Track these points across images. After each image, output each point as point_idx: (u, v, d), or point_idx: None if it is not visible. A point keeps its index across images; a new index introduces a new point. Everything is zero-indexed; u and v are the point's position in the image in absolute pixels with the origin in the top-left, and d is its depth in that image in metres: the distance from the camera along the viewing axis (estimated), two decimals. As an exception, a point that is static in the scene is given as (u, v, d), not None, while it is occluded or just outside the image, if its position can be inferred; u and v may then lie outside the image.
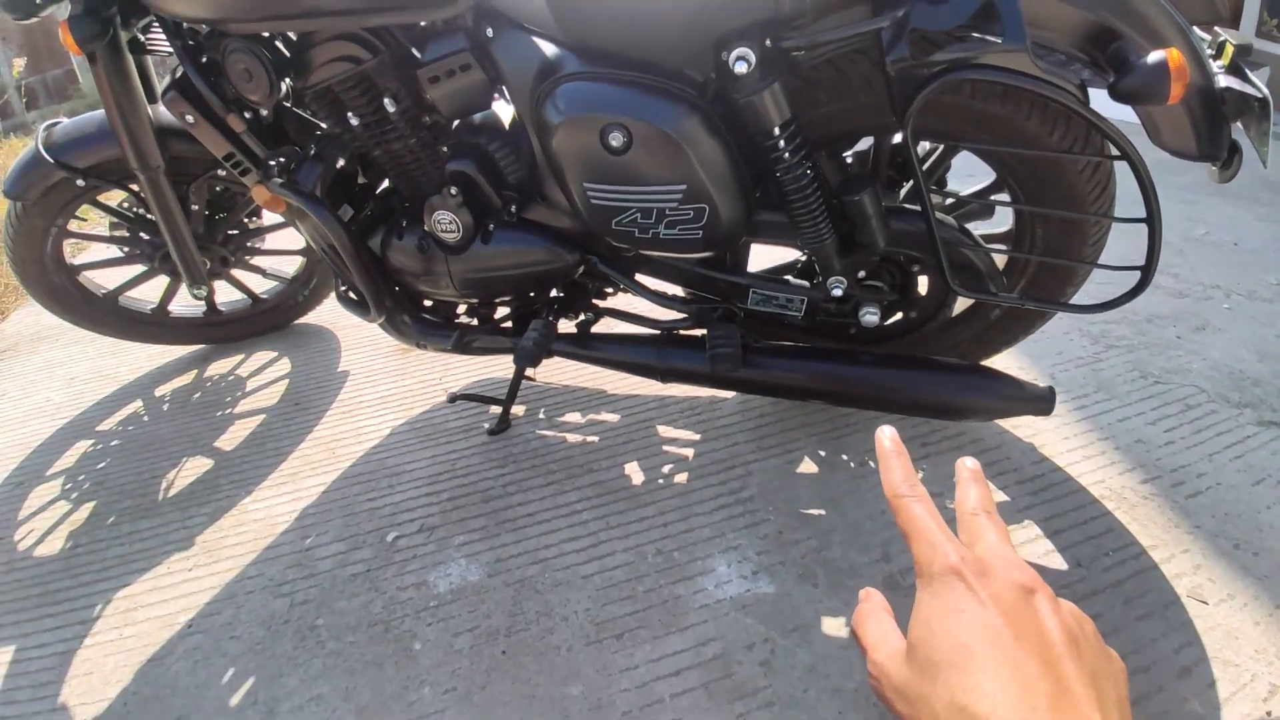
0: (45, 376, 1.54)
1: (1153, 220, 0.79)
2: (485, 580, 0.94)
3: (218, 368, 1.49)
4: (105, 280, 1.41)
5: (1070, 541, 0.93)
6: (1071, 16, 0.70)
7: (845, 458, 1.09)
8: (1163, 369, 1.26)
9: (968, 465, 0.33)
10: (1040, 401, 0.92)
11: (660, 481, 1.07)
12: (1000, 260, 0.98)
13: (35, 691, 0.86)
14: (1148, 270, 0.81)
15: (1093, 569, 0.89)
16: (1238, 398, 1.17)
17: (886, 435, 0.34)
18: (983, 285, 0.92)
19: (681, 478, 1.08)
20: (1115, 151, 0.76)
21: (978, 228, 0.99)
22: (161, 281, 1.41)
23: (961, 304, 1.04)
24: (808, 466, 1.08)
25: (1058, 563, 0.90)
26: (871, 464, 1.07)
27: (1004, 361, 1.26)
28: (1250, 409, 1.15)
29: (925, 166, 0.97)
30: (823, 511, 0.99)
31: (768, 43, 0.72)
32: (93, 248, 1.35)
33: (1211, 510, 0.96)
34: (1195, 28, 0.72)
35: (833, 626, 0.85)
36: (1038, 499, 1.00)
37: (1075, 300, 0.96)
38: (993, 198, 1.01)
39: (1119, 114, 0.73)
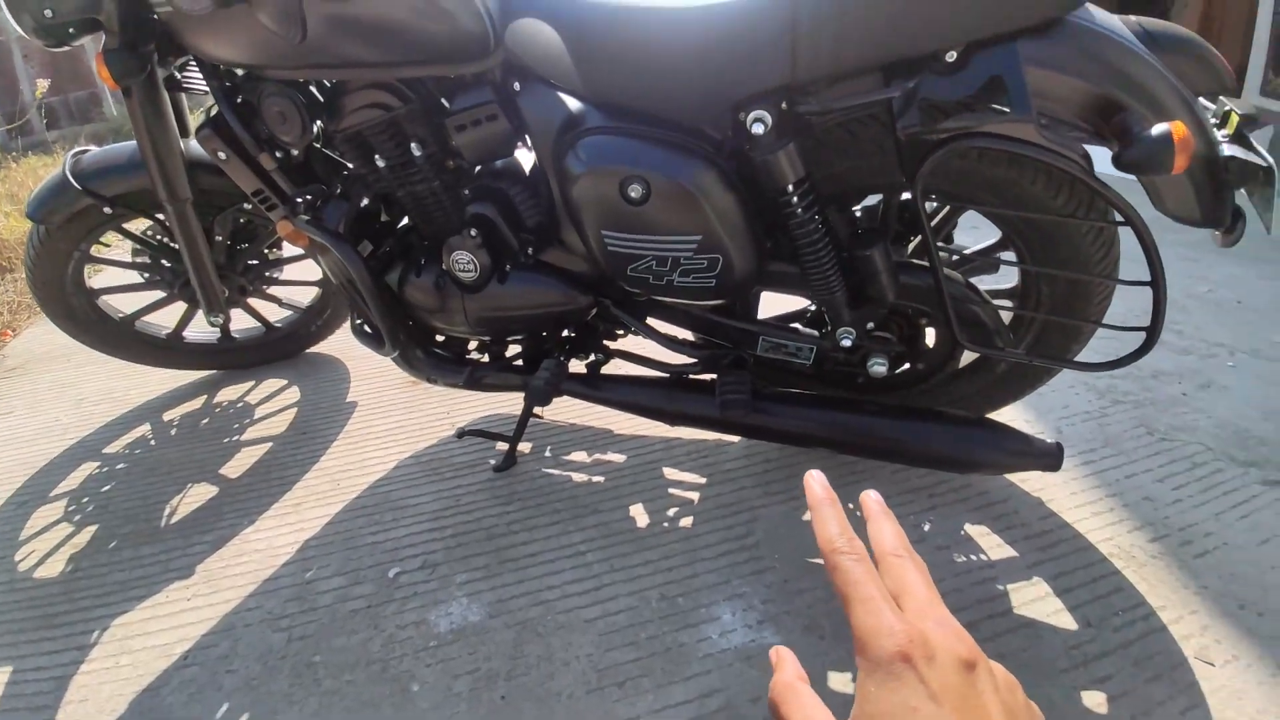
0: (55, 396, 1.56)
1: (1157, 284, 0.80)
2: (486, 621, 0.93)
3: (227, 394, 1.50)
4: (122, 304, 1.43)
5: (1079, 600, 0.92)
6: (1076, 89, 0.72)
7: (851, 506, 1.07)
8: (1169, 426, 1.26)
9: (873, 498, 0.32)
10: (1048, 457, 0.92)
11: (665, 524, 1.07)
12: (1006, 316, 1.00)
13: (30, 715, 0.85)
14: (1153, 332, 0.83)
15: (1102, 629, 0.88)
16: (1243, 456, 1.18)
17: (816, 481, 0.31)
18: (989, 340, 0.93)
19: (687, 521, 1.07)
20: (1119, 217, 0.78)
21: (984, 282, 1.01)
22: (178, 307, 1.43)
23: (968, 356, 1.05)
24: (813, 514, 1.07)
25: (1067, 622, 0.89)
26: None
27: (1011, 414, 1.27)
28: (1256, 468, 1.15)
29: (933, 223, 1.00)
30: (828, 561, 0.99)
31: (784, 106, 0.75)
32: (109, 271, 1.37)
33: (1218, 570, 0.96)
34: (1200, 97, 0.75)
35: (840, 681, 0.83)
36: (1046, 555, 0.99)
37: (1081, 358, 0.97)
38: (999, 255, 1.03)
39: (1123, 176, 0.75)
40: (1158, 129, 0.67)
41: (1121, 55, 0.70)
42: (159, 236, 1.33)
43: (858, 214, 1.03)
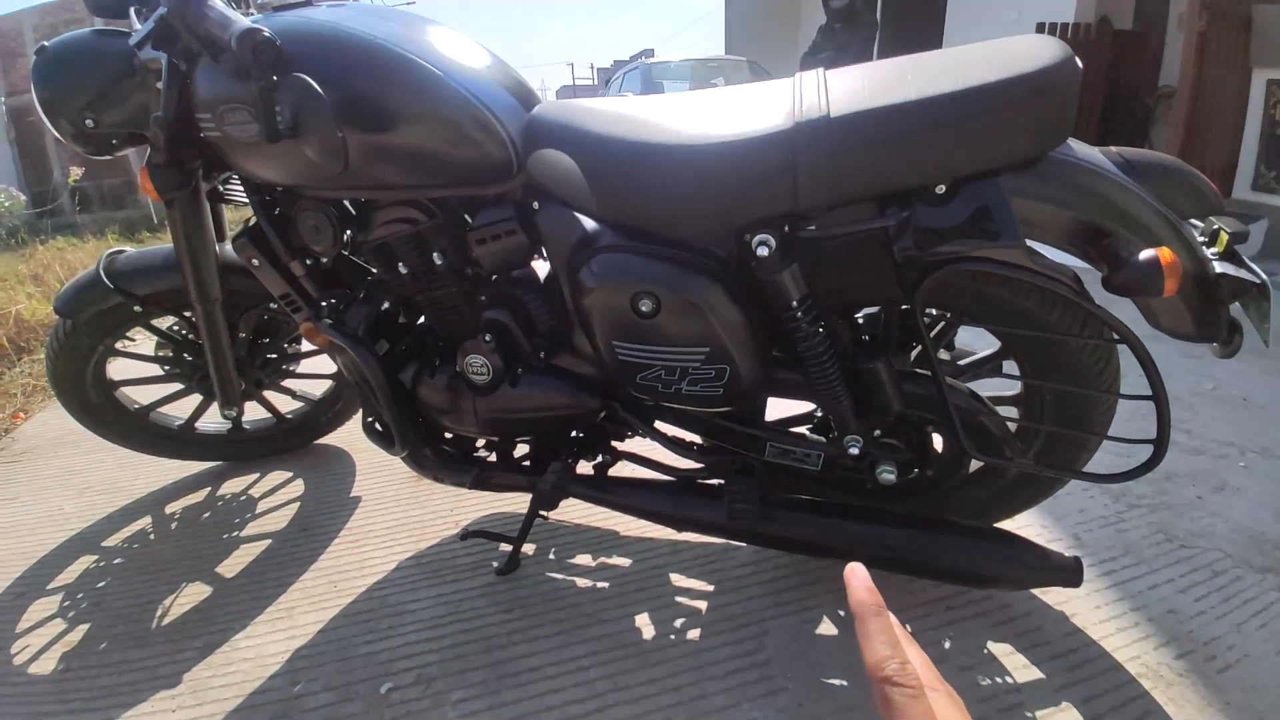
0: (59, 484, 1.55)
1: (1158, 398, 0.81)
2: (482, 746, 0.87)
3: (231, 486, 1.49)
4: (137, 395, 1.45)
5: (1110, 728, 0.87)
6: (1062, 217, 0.76)
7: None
8: (1187, 531, 1.24)
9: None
10: (1068, 572, 0.90)
11: (671, 637, 1.03)
12: (1013, 424, 1.00)
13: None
14: (1159, 445, 0.83)
15: (1136, 762, 0.83)
16: (1260, 562, 1.15)
17: (860, 583, 0.27)
18: (997, 450, 0.93)
19: (694, 633, 1.03)
20: (1114, 335, 0.80)
21: (987, 386, 1.02)
22: (192, 399, 1.45)
23: (979, 463, 1.05)
24: (827, 628, 1.03)
25: (1100, 755, 0.84)
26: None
27: (1027, 519, 1.24)
28: (1273, 574, 1.12)
29: (933, 334, 1.02)
30: (845, 683, 0.94)
31: (786, 229, 0.79)
32: (125, 361, 1.41)
33: (1240, 684, 0.92)
34: (1189, 219, 0.78)
35: (859, 825, 0.77)
36: (1074, 677, 0.94)
37: (1090, 467, 0.97)
38: (1003, 364, 1.05)
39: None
40: (1145, 254, 0.70)
41: (1102, 184, 0.75)
42: (183, 332, 1.38)
43: (860, 321, 1.06)
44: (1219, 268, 0.72)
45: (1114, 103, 4.44)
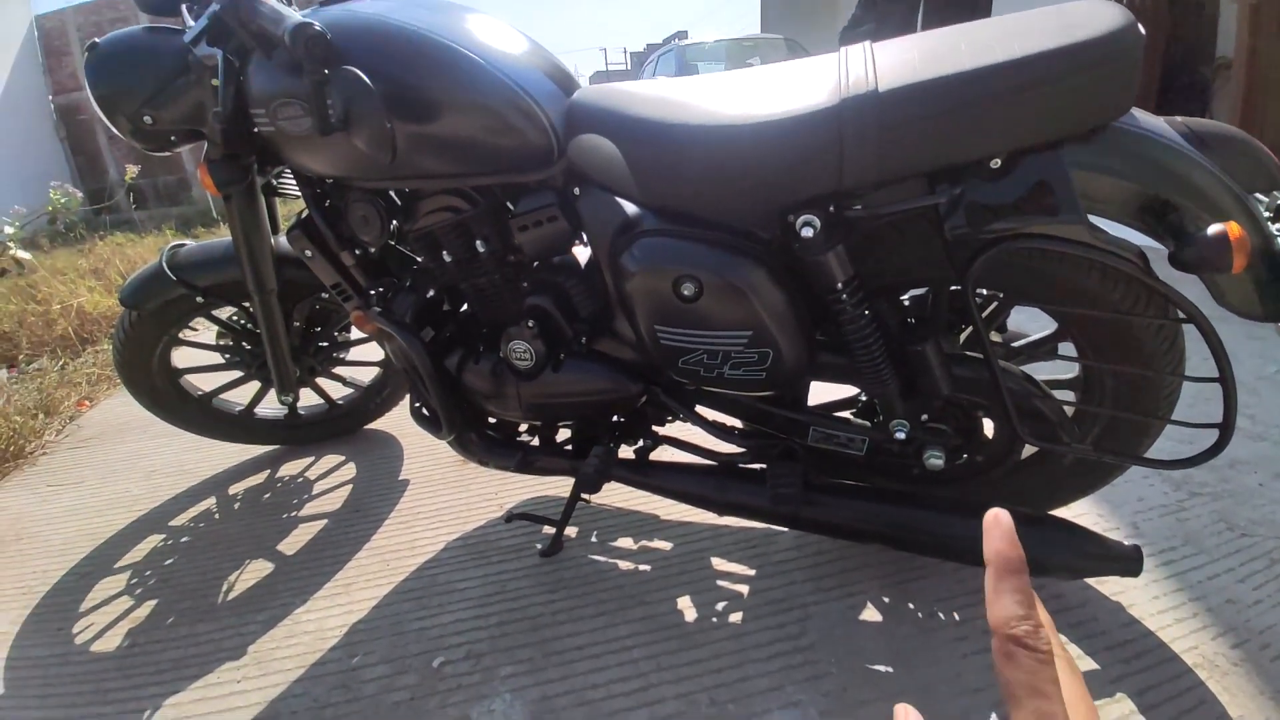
0: (127, 467, 1.64)
1: (1225, 380, 0.77)
2: (531, 720, 0.90)
3: (289, 469, 1.56)
4: (199, 382, 1.52)
5: (1164, 717, 0.85)
6: (1126, 190, 0.73)
7: (912, 606, 1.03)
8: (1249, 520, 1.18)
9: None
10: (1127, 561, 0.87)
11: (714, 620, 1.03)
12: (1069, 408, 0.97)
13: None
14: (1225, 429, 0.79)
15: (1194, 753, 0.80)
16: (1324, 552, 1.09)
17: (1002, 530, 0.25)
18: (1053, 434, 0.90)
19: (736, 617, 1.04)
20: (1181, 314, 0.77)
21: (1042, 369, 0.99)
22: (251, 385, 1.51)
23: (1031, 447, 1.02)
24: (871, 613, 1.03)
25: (1157, 746, 0.81)
26: (941, 616, 1.01)
27: (1083, 507, 1.20)
28: (1334, 565, 1.06)
29: (985, 314, 0.99)
30: (890, 669, 0.93)
31: (832, 210, 0.78)
32: (187, 349, 1.47)
33: (1293, 673, 0.88)
34: (1253, 193, 0.74)
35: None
36: (1130, 668, 0.92)
37: (1152, 453, 0.93)
38: (1059, 346, 1.02)
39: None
40: (1214, 229, 0.66)
41: (1169, 156, 0.71)
42: (242, 321, 1.44)
43: (906, 303, 1.04)
44: None
45: (1172, 74, 4.20)
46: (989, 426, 1.01)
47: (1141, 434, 0.94)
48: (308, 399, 1.58)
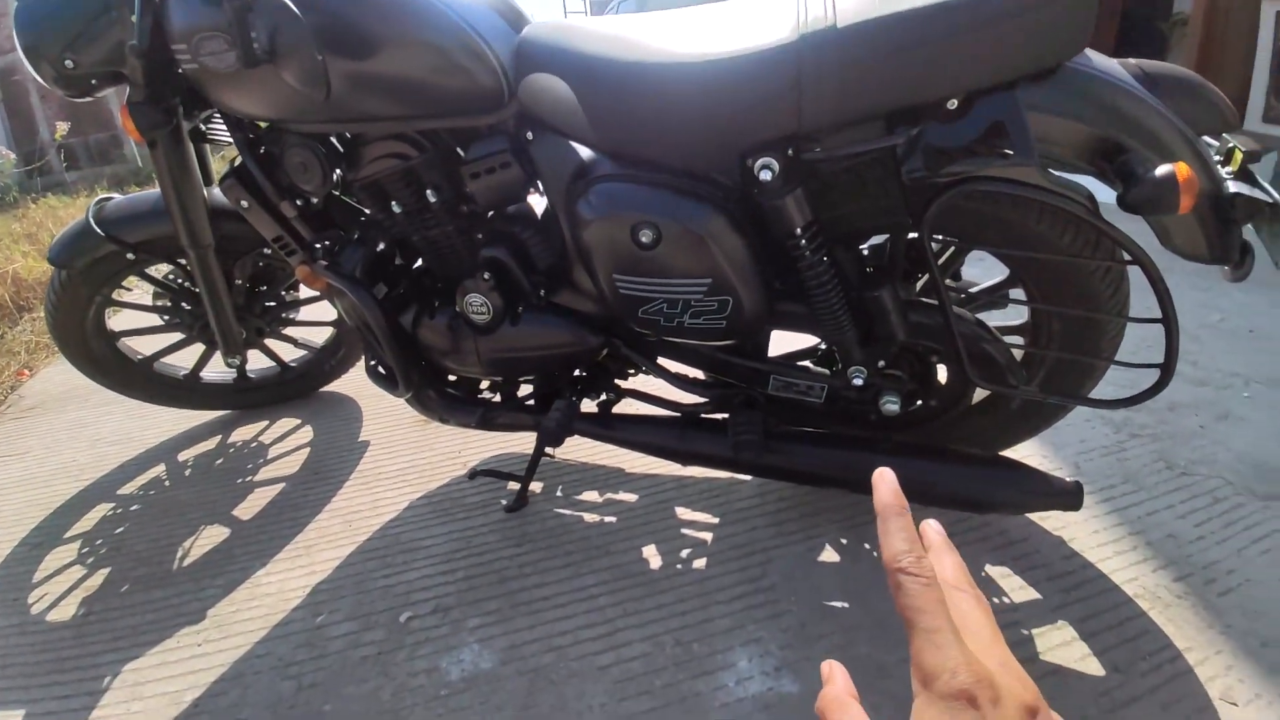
0: (70, 436, 1.57)
1: (1168, 320, 0.80)
2: (498, 668, 0.91)
3: (241, 434, 1.51)
4: (140, 345, 1.45)
5: (1106, 645, 0.90)
6: (1078, 132, 0.74)
7: (867, 547, 1.07)
8: (1188, 460, 1.25)
9: (934, 529, 0.31)
10: (1068, 496, 0.91)
11: (678, 566, 1.06)
12: (1018, 352, 0.99)
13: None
14: (1166, 369, 0.82)
15: (1130, 674, 0.86)
16: (1264, 489, 1.16)
17: (886, 485, 0.29)
18: (1001, 378, 0.93)
19: (700, 563, 1.06)
20: (1127, 255, 0.79)
21: (993, 318, 1.01)
22: (195, 348, 1.45)
23: (982, 393, 1.05)
24: (829, 555, 1.06)
25: (1095, 668, 0.87)
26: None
27: (1027, 450, 1.25)
28: (1277, 501, 1.13)
29: (940, 261, 1.00)
30: (847, 604, 0.97)
31: (790, 153, 0.77)
32: (128, 313, 1.40)
33: (1242, 608, 0.94)
34: (1203, 136, 0.76)
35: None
36: (1070, 598, 0.97)
37: (1095, 394, 0.97)
38: (1008, 292, 1.04)
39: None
40: (1161, 170, 0.67)
41: (1121, 98, 0.72)
42: (179, 280, 1.36)
43: (865, 252, 1.04)
44: (1233, 187, 0.71)
45: (1128, 29, 4.24)
46: (942, 372, 1.04)
47: (1086, 376, 0.97)
48: (259, 361, 1.53)
